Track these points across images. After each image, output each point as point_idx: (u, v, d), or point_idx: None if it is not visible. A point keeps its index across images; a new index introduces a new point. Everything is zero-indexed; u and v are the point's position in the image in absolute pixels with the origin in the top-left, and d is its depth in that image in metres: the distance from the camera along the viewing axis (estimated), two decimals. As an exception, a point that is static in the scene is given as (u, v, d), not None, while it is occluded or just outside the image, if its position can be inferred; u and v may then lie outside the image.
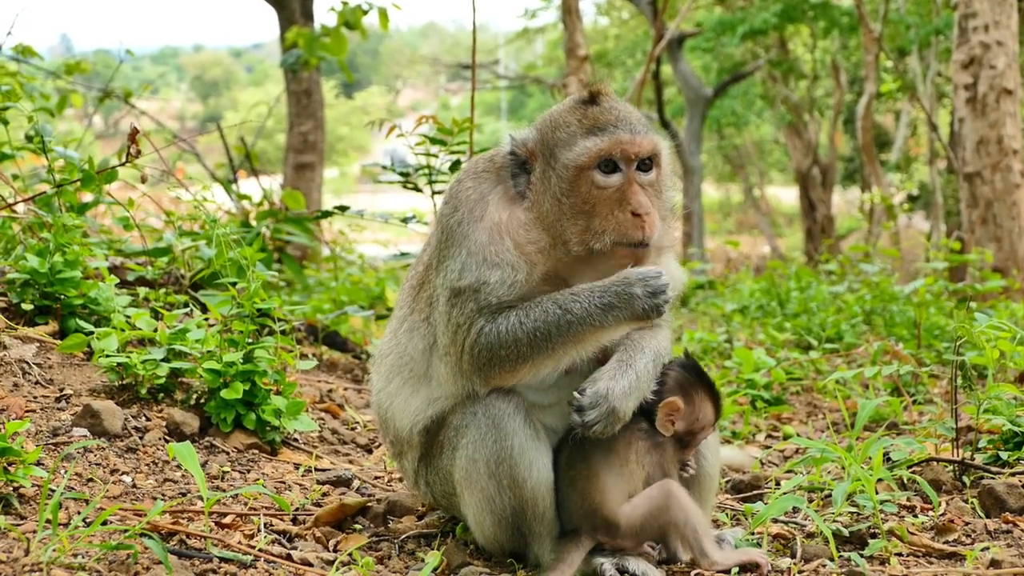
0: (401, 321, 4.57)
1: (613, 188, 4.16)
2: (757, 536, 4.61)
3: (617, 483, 4.18)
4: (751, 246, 41.67)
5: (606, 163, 4.16)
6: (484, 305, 4.14)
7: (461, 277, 4.18)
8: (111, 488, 4.59)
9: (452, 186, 4.43)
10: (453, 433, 4.28)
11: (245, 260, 5.91)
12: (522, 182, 4.28)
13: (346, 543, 4.45)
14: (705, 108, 33.21)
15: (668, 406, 4.29)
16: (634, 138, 4.18)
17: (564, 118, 4.29)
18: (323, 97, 20.08)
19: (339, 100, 65.98)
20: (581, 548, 4.18)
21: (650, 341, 4.29)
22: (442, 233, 4.34)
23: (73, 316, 6.28)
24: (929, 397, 8.13)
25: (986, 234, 15.18)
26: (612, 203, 4.15)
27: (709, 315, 13.48)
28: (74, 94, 13.49)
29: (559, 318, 4.06)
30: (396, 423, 4.52)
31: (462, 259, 4.20)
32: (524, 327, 4.08)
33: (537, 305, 4.11)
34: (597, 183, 4.16)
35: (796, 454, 6.41)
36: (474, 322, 4.14)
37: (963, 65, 15.27)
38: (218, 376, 5.47)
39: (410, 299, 4.55)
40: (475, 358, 4.15)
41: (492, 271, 4.16)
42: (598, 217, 4.15)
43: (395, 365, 4.53)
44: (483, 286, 4.14)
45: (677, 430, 4.33)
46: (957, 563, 4.35)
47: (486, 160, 4.45)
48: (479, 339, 4.12)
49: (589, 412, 4.06)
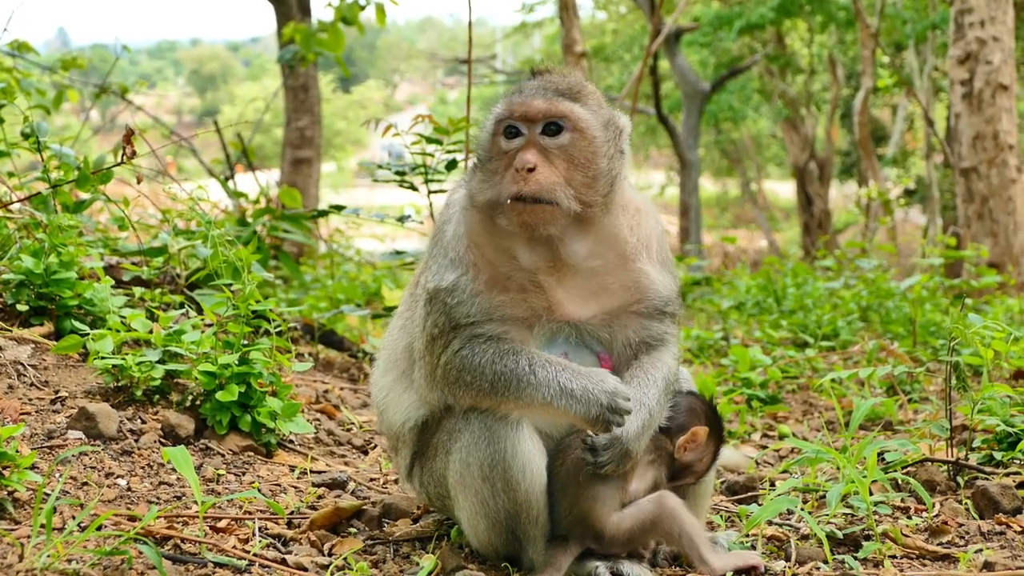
0: (397, 317, 4.67)
1: (513, 150, 4.17)
2: (752, 538, 4.62)
3: (608, 492, 4.18)
4: (748, 240, 41.71)
5: (508, 128, 4.19)
6: (454, 323, 4.16)
7: (432, 279, 4.25)
8: (106, 492, 4.59)
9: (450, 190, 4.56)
10: (447, 437, 4.28)
11: (241, 261, 5.90)
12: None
13: (341, 547, 4.45)
14: (702, 103, 33.17)
15: (695, 434, 4.35)
16: (525, 100, 4.20)
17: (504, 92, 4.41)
18: (320, 92, 20.04)
19: (336, 95, 65.95)
20: (570, 552, 4.18)
21: (661, 369, 4.32)
22: (434, 235, 4.43)
23: (68, 317, 6.28)
24: (925, 395, 8.14)
25: (982, 229, 15.18)
26: (507, 163, 4.16)
27: (706, 312, 13.49)
28: (70, 89, 13.46)
29: (525, 375, 4.08)
30: (390, 416, 4.57)
31: (437, 260, 4.28)
32: (494, 367, 4.11)
33: (517, 352, 4.12)
34: (500, 147, 4.20)
35: (791, 454, 6.42)
36: (451, 341, 4.17)
37: (959, 61, 15.27)
38: (213, 378, 5.47)
39: (409, 297, 4.61)
40: (447, 372, 4.19)
41: (450, 272, 4.20)
42: (496, 175, 4.17)
43: (388, 360, 4.62)
44: (446, 293, 4.18)
45: (684, 459, 4.36)
46: (950, 565, 4.36)
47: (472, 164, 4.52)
48: (453, 359, 4.16)
49: (603, 453, 4.10)
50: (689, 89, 32.55)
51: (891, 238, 25.65)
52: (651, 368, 4.30)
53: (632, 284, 4.33)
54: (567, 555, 4.18)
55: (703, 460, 4.43)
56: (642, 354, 4.34)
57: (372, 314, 9.02)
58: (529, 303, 4.21)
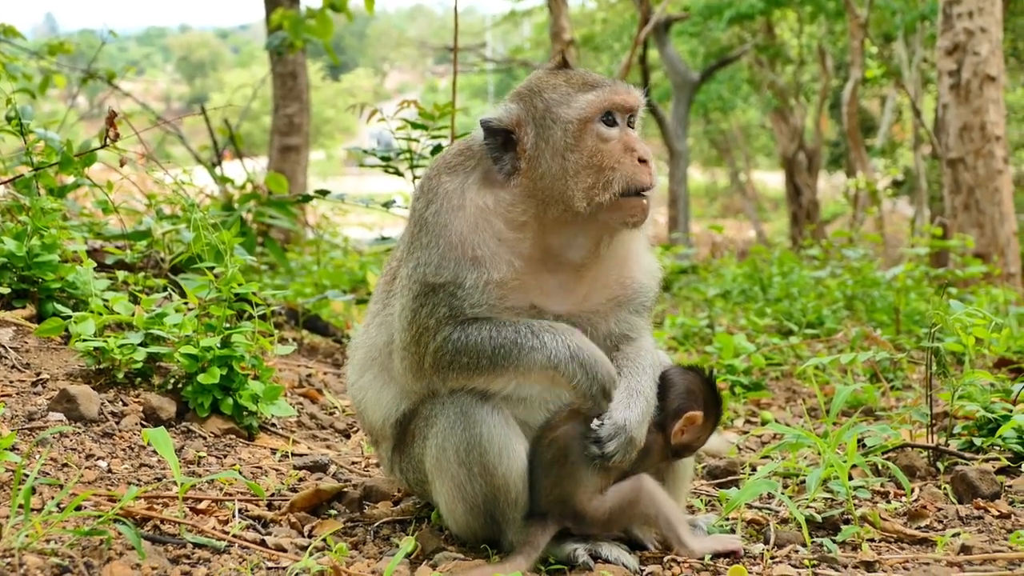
0: (373, 315, 4.58)
1: (616, 139, 4.19)
2: (731, 522, 4.63)
3: (592, 478, 4.18)
4: (737, 231, 41.76)
5: (607, 115, 4.20)
6: (457, 312, 4.13)
7: (438, 272, 4.15)
8: (86, 473, 4.58)
9: (425, 181, 4.38)
10: (423, 423, 4.29)
11: (223, 244, 5.90)
12: (508, 160, 4.24)
13: (321, 528, 4.45)
14: (691, 92, 33.21)
15: (691, 419, 4.34)
16: (629, 91, 4.26)
17: (548, 82, 4.30)
18: (309, 79, 20.01)
19: (325, 82, 65.82)
20: (547, 531, 4.19)
21: (647, 358, 4.34)
22: (416, 225, 4.29)
23: (51, 300, 6.28)
24: (907, 383, 8.16)
25: (968, 220, 15.22)
26: (618, 153, 4.17)
27: (692, 300, 13.51)
28: (57, 75, 13.43)
29: (527, 342, 4.08)
30: (369, 416, 4.53)
31: (439, 251, 4.17)
32: (493, 342, 4.10)
33: (513, 324, 4.12)
34: (602, 135, 4.18)
35: (773, 440, 6.44)
36: (441, 328, 4.14)
37: (947, 51, 15.29)
38: (195, 361, 5.47)
39: (384, 294, 4.53)
40: (437, 360, 4.16)
41: (471, 270, 4.13)
42: (606, 168, 4.15)
43: (366, 358, 4.56)
44: (458, 288, 4.12)
45: (682, 441, 4.36)
46: (928, 549, 4.37)
47: (456, 152, 4.42)
48: (445, 345, 4.13)
49: (608, 444, 4.08)
50: (678, 79, 32.59)
51: (878, 228, 25.67)
52: (638, 358, 4.32)
53: (627, 279, 4.38)
54: (545, 534, 4.18)
55: (700, 438, 4.43)
56: (623, 345, 4.36)
57: (357, 299, 9.02)
58: (525, 294, 4.21)
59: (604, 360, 4.12)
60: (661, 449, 4.35)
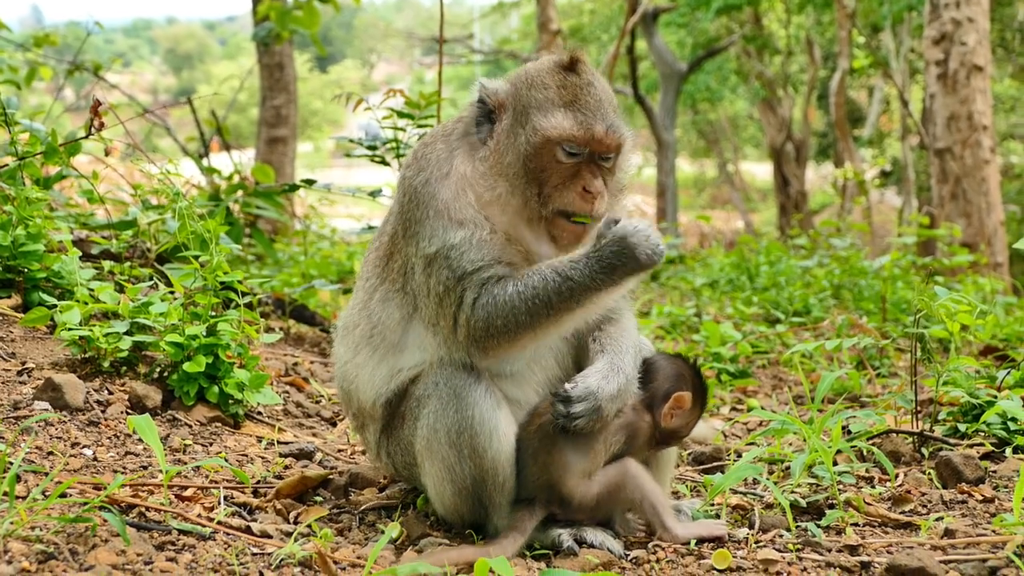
0: (371, 292, 4.52)
1: (569, 166, 4.24)
2: (716, 507, 4.65)
3: (580, 461, 4.19)
4: (725, 221, 41.76)
5: (572, 146, 4.23)
6: (461, 273, 4.14)
7: (430, 243, 4.19)
8: (71, 461, 4.58)
9: (419, 148, 4.43)
10: (415, 404, 4.29)
11: (209, 233, 5.89)
12: (484, 130, 4.33)
13: (306, 515, 4.45)
14: (679, 83, 33.16)
15: (680, 400, 4.36)
16: (607, 134, 4.26)
17: (543, 79, 4.33)
18: (296, 71, 19.97)
19: (313, 74, 65.69)
20: (534, 516, 4.20)
21: (628, 338, 4.37)
22: (406, 195, 4.32)
23: (36, 289, 6.26)
24: (893, 370, 8.19)
25: (955, 209, 15.25)
26: (566, 177, 4.23)
27: (679, 289, 13.52)
28: (43, 67, 13.39)
29: (559, 285, 4.08)
30: (360, 395, 4.51)
31: (430, 222, 4.21)
32: (522, 295, 4.09)
33: (536, 273, 4.12)
34: (557, 158, 4.23)
35: (759, 427, 6.45)
36: (461, 293, 4.14)
37: (934, 41, 15.32)
38: (181, 349, 5.47)
39: (378, 270, 4.51)
40: (472, 330, 4.14)
41: (456, 231, 4.16)
42: (549, 186, 4.23)
43: (365, 336, 4.49)
44: (451, 250, 4.15)
45: (671, 425, 4.37)
46: (912, 533, 4.39)
47: (454, 120, 4.50)
48: (474, 311, 4.13)
49: (576, 404, 4.10)
50: (666, 69, 32.55)
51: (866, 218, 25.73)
52: (620, 337, 4.34)
53: None
54: (532, 519, 4.20)
55: (688, 424, 4.46)
56: (606, 325, 4.38)
57: (344, 289, 9.02)
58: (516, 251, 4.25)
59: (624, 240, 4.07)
60: (649, 434, 4.36)
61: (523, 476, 4.21)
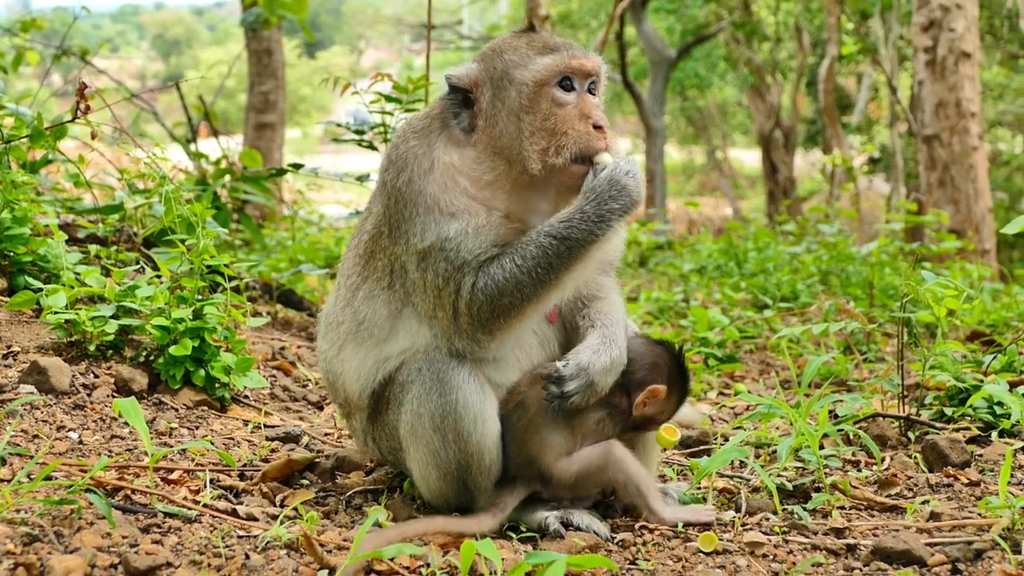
0: (353, 290, 4.47)
1: (572, 104, 4.22)
2: (703, 490, 4.66)
3: (557, 440, 4.19)
4: (713, 208, 41.82)
5: (564, 80, 4.23)
6: (460, 262, 4.12)
7: (423, 238, 4.15)
8: (57, 444, 4.57)
9: (392, 149, 4.39)
10: (399, 389, 4.28)
11: (195, 217, 5.87)
12: (465, 117, 4.30)
13: (293, 498, 4.45)
14: (668, 70, 33.14)
15: (653, 392, 4.33)
16: (586, 56, 4.28)
17: (510, 43, 4.35)
18: (284, 57, 19.95)
19: (301, 60, 65.51)
20: (515, 495, 4.20)
21: (618, 314, 4.39)
22: (390, 198, 4.28)
23: (22, 273, 6.24)
24: (880, 355, 8.21)
25: (943, 196, 15.29)
26: (572, 118, 4.21)
27: (667, 275, 13.54)
28: (30, 52, 13.33)
29: (558, 247, 4.07)
30: (347, 388, 4.48)
31: (420, 219, 4.17)
32: (523, 267, 4.08)
33: (531, 243, 4.11)
34: (557, 99, 4.22)
35: (746, 411, 6.46)
36: (460, 280, 4.12)
37: (923, 28, 15.34)
38: (167, 333, 5.46)
39: (359, 268, 4.46)
40: (475, 315, 4.12)
41: (449, 223, 4.13)
42: (559, 133, 4.19)
43: (350, 332, 4.45)
44: (446, 242, 4.12)
45: (645, 413, 4.37)
46: (898, 516, 4.40)
47: (422, 116, 4.45)
48: (475, 295, 4.11)
49: (569, 383, 4.12)
50: (655, 56, 32.54)
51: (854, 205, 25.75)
52: (611, 312, 4.37)
53: None
54: (513, 497, 4.20)
55: (664, 412, 4.44)
56: (594, 302, 4.39)
57: (331, 273, 9.00)
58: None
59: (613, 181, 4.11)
60: (625, 417, 4.36)
61: (505, 455, 4.21)
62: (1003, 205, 28.85)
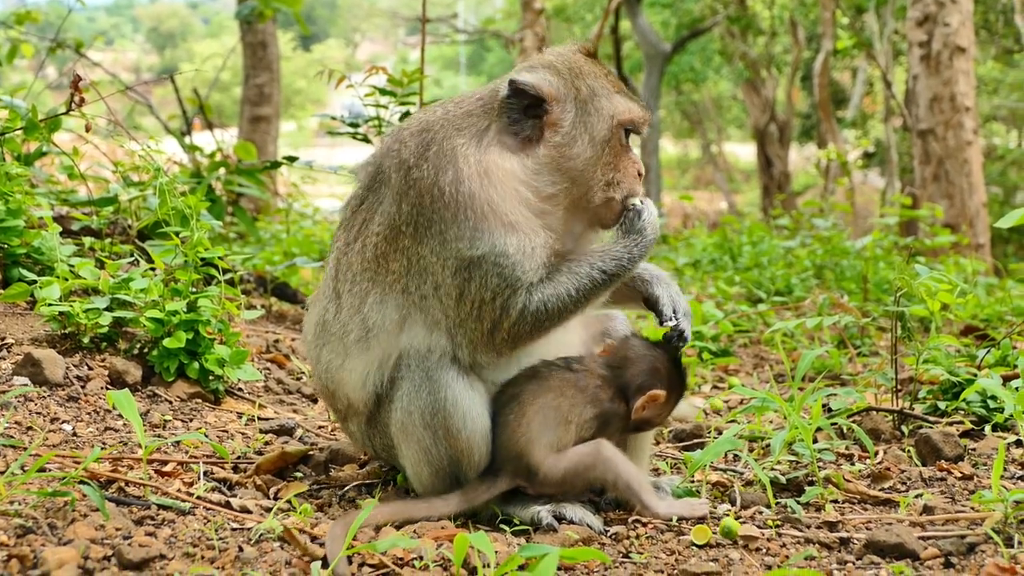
0: (363, 296, 4.27)
1: (630, 149, 4.39)
2: (696, 483, 4.66)
3: (547, 436, 4.18)
4: (708, 202, 41.85)
5: (632, 127, 4.37)
6: (513, 281, 4.06)
7: (473, 246, 4.04)
8: (50, 436, 4.57)
9: (421, 145, 4.20)
10: (389, 386, 4.25)
11: (190, 209, 5.86)
12: (528, 125, 4.21)
13: (286, 491, 4.45)
14: (663, 64, 33.19)
15: (653, 397, 4.34)
16: (645, 109, 4.44)
17: (588, 68, 4.36)
18: (279, 49, 19.92)
19: (296, 53, 65.51)
20: (491, 488, 4.18)
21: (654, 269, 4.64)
22: (423, 196, 4.10)
23: (16, 265, 6.24)
24: (874, 349, 8.22)
25: (938, 190, 15.29)
26: (630, 162, 4.37)
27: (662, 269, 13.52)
28: (25, 44, 13.30)
29: (604, 279, 4.19)
30: (351, 396, 4.36)
31: (471, 225, 4.05)
32: (574, 297, 4.15)
33: (583, 274, 4.18)
34: (622, 142, 4.35)
35: (740, 404, 6.47)
36: (509, 298, 4.08)
37: (918, 22, 15.34)
38: (161, 325, 5.45)
39: (369, 272, 4.25)
40: (514, 333, 4.12)
41: (507, 236, 4.06)
42: (620, 171, 4.33)
43: (359, 340, 4.28)
44: (501, 257, 4.04)
45: (643, 416, 4.37)
46: (891, 509, 4.41)
47: (463, 113, 4.29)
48: (523, 316, 4.10)
49: (684, 321, 4.44)
50: (650, 50, 32.57)
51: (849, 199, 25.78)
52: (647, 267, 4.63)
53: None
54: (487, 490, 4.17)
55: (661, 415, 4.45)
56: None
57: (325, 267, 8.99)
58: None
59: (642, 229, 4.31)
60: (622, 420, 4.36)
61: (493, 447, 4.20)
62: (997, 200, 28.89)
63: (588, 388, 4.28)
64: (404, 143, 4.26)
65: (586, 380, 4.29)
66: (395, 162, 4.23)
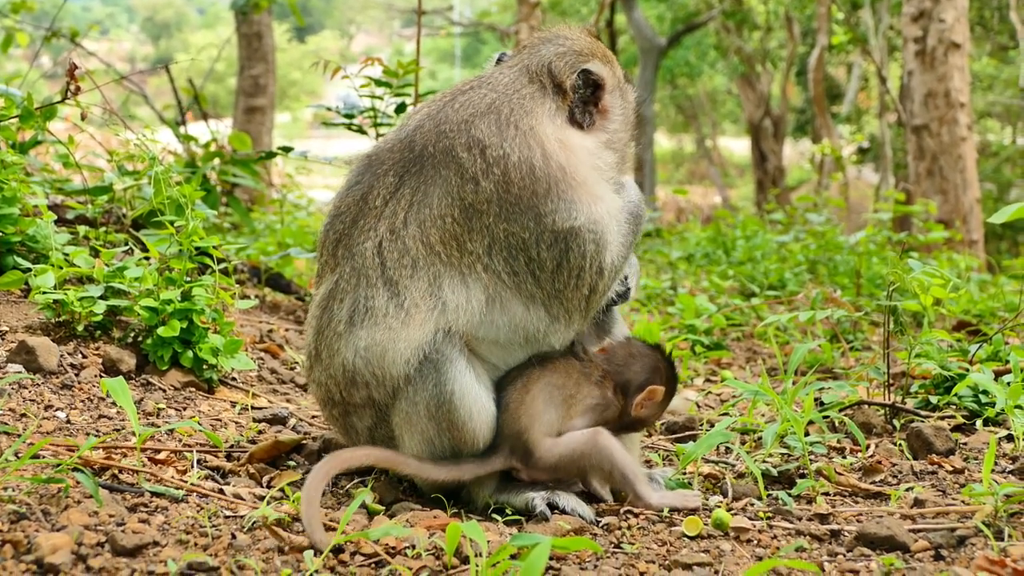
0: (430, 279, 4.17)
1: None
2: (688, 475, 4.68)
3: (549, 414, 4.21)
4: (702, 196, 41.85)
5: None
6: (605, 245, 4.25)
7: (571, 216, 4.17)
8: (44, 424, 4.57)
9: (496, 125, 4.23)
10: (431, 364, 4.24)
11: (184, 198, 5.86)
12: (589, 111, 4.51)
13: (279, 479, 4.45)
14: (658, 58, 33.15)
15: (653, 392, 4.43)
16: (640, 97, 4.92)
17: (611, 56, 4.75)
18: (275, 40, 19.92)
19: (291, 44, 65.44)
20: (484, 465, 4.20)
21: None
22: (516, 170, 4.13)
23: (11, 253, 6.23)
24: (867, 344, 8.23)
25: (932, 186, 15.32)
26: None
27: (655, 263, 13.56)
28: (20, 33, 13.30)
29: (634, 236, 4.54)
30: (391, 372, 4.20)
31: (566, 197, 4.18)
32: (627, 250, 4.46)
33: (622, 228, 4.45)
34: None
35: (732, 398, 6.48)
36: (602, 260, 4.27)
37: (913, 18, 15.36)
38: (155, 314, 5.45)
39: (435, 255, 4.16)
40: (603, 291, 4.37)
41: (597, 205, 4.25)
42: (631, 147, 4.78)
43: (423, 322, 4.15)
44: (595, 224, 4.21)
45: (640, 414, 4.42)
46: (882, 502, 4.43)
47: (527, 96, 4.37)
48: (612, 273, 4.35)
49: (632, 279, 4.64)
50: (645, 44, 32.52)
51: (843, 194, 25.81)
52: None
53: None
54: (480, 466, 4.20)
55: (655, 414, 4.55)
56: None
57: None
58: None
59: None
60: (618, 415, 4.41)
61: (497, 424, 4.22)
62: (991, 196, 28.90)
63: (592, 376, 4.38)
64: (470, 124, 4.25)
65: (591, 369, 4.39)
66: (460, 142, 4.21)
